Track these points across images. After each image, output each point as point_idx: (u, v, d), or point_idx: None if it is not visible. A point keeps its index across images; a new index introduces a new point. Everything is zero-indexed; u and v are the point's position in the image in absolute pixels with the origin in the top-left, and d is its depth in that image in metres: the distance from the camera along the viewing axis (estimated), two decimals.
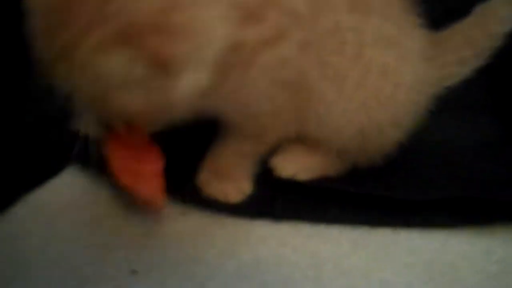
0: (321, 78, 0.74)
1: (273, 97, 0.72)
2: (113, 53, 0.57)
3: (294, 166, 0.83)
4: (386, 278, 0.72)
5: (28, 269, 0.72)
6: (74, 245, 0.75)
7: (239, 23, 0.64)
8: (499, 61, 0.90)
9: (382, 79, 0.76)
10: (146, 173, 0.73)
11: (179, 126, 0.70)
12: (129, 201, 0.79)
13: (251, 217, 0.79)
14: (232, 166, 0.81)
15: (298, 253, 0.75)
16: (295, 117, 0.77)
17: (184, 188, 0.80)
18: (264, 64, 0.68)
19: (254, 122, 0.74)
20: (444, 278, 0.72)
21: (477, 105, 0.96)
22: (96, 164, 0.81)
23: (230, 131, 0.76)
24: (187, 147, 0.83)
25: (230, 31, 0.62)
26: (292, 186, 0.81)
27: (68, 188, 0.84)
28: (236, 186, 0.81)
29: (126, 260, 0.72)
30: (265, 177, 0.82)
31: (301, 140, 0.81)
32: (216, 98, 0.68)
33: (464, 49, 0.88)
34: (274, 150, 0.82)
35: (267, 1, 0.67)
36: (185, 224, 0.79)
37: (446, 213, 0.79)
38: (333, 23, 0.73)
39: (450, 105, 0.90)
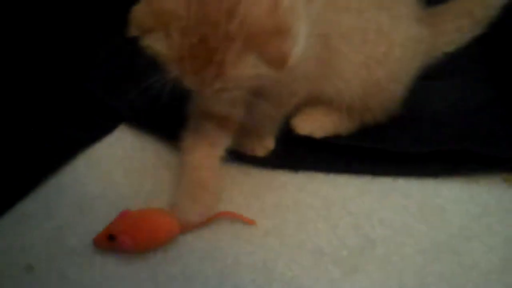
0: (337, 35, 0.82)
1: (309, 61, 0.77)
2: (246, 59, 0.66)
3: (311, 125, 0.92)
4: (385, 217, 0.84)
5: (91, 211, 0.86)
6: (127, 190, 0.89)
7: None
8: (495, 33, 0.99)
9: (378, 37, 0.84)
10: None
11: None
12: (171, 154, 0.92)
13: (274, 167, 0.91)
14: (259, 127, 0.91)
15: (312, 197, 0.87)
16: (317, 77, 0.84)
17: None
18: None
19: (287, 88, 0.83)
20: (434, 217, 0.84)
21: (474, 72, 1.03)
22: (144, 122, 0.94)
23: (260, 98, 0.83)
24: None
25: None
26: (308, 142, 0.92)
27: (120, 143, 0.96)
28: (262, 143, 0.92)
29: (170, 202, 0.85)
30: (286, 135, 0.92)
31: (315, 102, 0.90)
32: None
33: (463, 18, 0.97)
34: (293, 113, 0.92)
35: None
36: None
37: (438, 164, 0.89)
38: None
39: (448, 72, 1.00)
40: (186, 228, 0.82)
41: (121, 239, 0.77)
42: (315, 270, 0.78)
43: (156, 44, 0.68)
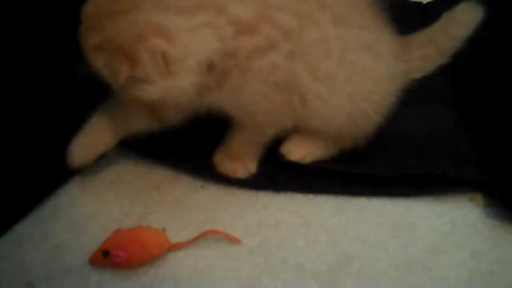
0: (314, 79, 0.89)
1: (266, 98, 0.87)
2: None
3: (301, 152, 0.98)
4: (360, 234, 0.90)
5: (86, 231, 0.91)
6: (119, 212, 0.94)
7: (233, 36, 0.81)
8: (461, 62, 1.05)
9: (363, 77, 0.91)
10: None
11: (197, 119, 0.88)
12: (161, 176, 0.99)
13: (256, 188, 0.97)
14: (240, 150, 0.97)
15: (293, 216, 0.93)
16: (292, 113, 0.91)
17: (203, 166, 0.98)
18: (257, 69, 0.84)
19: (251, 119, 0.90)
20: (406, 234, 0.90)
21: (442, 100, 1.10)
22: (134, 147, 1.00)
23: (238, 124, 0.92)
24: (208, 135, 1.00)
25: (220, 44, 0.79)
26: (288, 165, 0.98)
27: (111, 166, 1.01)
28: (243, 166, 0.98)
29: (160, 221, 0.91)
30: (268, 158, 0.98)
31: (303, 130, 0.96)
32: (220, 97, 0.85)
33: (429, 47, 1.05)
34: (279, 137, 0.98)
35: (262, 18, 0.83)
36: (204, 194, 0.97)
37: (409, 184, 0.95)
38: (320, 35, 0.88)
39: (419, 99, 1.05)
40: (176, 245, 0.87)
41: (115, 253, 0.83)
42: (297, 285, 0.84)
43: None
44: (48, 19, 1.05)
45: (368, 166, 0.97)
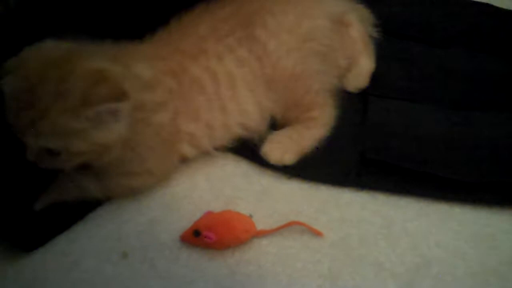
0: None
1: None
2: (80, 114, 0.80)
3: (278, 152, 1.02)
4: (440, 240, 0.92)
5: (178, 210, 0.97)
6: (208, 194, 1.00)
7: (140, 90, 0.88)
8: None
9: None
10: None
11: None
12: (248, 166, 1.04)
13: (341, 185, 1.00)
14: None
15: (374, 215, 0.96)
16: None
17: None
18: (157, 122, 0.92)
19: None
20: (485, 245, 0.92)
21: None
22: None
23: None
24: None
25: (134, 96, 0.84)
26: (373, 163, 1.00)
27: None
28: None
29: (247, 207, 0.96)
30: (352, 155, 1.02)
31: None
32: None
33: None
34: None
35: (158, 80, 0.92)
36: (290, 187, 1.01)
37: (491, 194, 0.96)
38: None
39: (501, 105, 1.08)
40: (261, 232, 0.92)
41: (206, 234, 0.88)
42: (375, 282, 0.87)
43: (4, 84, 0.82)
44: None
45: (452, 171, 0.98)
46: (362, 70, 1.14)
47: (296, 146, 1.03)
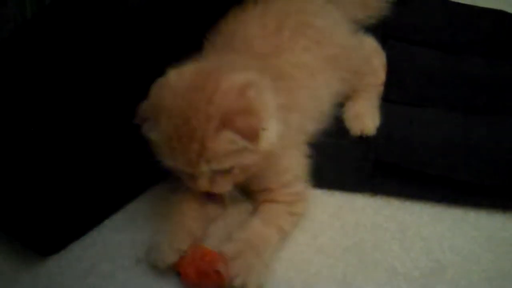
0: None
1: None
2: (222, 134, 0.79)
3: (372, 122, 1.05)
4: (455, 244, 0.92)
5: None
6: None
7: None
8: None
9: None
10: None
11: None
12: None
13: (355, 190, 1.00)
14: None
15: (388, 220, 0.96)
16: None
17: None
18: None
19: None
20: (500, 249, 0.91)
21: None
22: None
23: None
24: None
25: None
26: (388, 168, 1.00)
27: None
28: None
29: None
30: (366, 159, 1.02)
31: None
32: None
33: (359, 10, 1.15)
34: None
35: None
36: None
37: (506, 198, 0.96)
38: None
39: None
40: None
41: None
42: (389, 287, 0.87)
43: (149, 131, 0.83)
44: None
45: (468, 174, 0.98)
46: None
47: (376, 111, 1.08)
